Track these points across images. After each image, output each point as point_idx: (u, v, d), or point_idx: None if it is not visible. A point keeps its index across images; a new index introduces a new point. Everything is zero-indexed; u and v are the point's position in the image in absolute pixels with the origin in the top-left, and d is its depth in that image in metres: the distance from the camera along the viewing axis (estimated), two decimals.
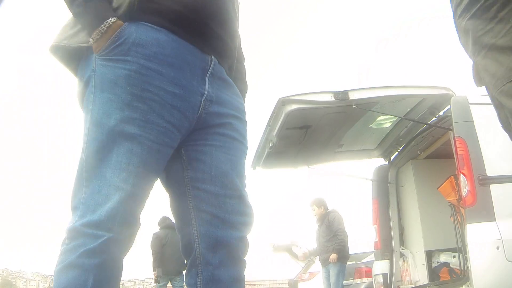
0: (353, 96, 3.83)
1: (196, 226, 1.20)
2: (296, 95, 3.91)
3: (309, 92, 3.93)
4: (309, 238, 7.13)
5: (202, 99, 1.19)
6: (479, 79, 1.28)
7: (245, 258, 1.25)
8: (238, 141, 1.27)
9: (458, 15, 1.27)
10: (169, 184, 1.27)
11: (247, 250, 1.25)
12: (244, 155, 1.30)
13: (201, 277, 1.19)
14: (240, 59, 1.42)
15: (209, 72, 1.21)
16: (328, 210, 6.32)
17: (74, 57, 1.20)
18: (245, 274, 1.26)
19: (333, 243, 6.04)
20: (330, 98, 3.82)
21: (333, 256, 5.94)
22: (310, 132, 4.38)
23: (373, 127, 4.71)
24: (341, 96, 3.80)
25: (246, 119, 1.35)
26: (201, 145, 1.22)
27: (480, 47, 1.21)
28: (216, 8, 1.22)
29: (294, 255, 8.15)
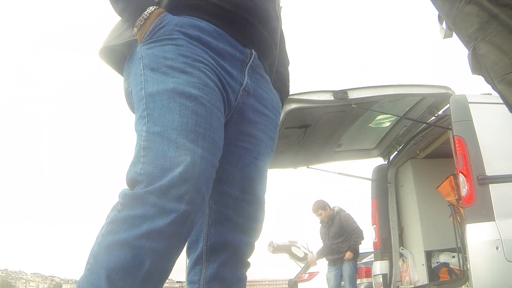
0: (352, 95, 3.82)
1: (207, 224, 1.18)
2: (295, 94, 3.90)
3: (308, 91, 3.92)
4: (309, 238, 7.07)
5: (241, 89, 1.18)
6: (477, 66, 1.25)
7: (248, 261, 1.25)
8: (267, 144, 1.25)
9: (463, 2, 1.24)
10: None
11: (252, 254, 1.25)
12: (270, 159, 1.28)
13: (205, 274, 1.17)
14: (283, 63, 1.42)
15: (248, 65, 1.20)
16: (335, 210, 6.23)
17: (122, 56, 1.20)
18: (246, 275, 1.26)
19: (349, 242, 5.97)
20: (329, 97, 3.81)
21: (349, 255, 5.88)
22: (309, 131, 4.38)
23: (372, 126, 4.71)
24: (340, 95, 3.79)
25: (280, 120, 1.33)
26: (232, 144, 1.18)
27: (485, 32, 1.18)
28: (255, 5, 1.23)
29: (294, 255, 8.13)
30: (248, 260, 1.25)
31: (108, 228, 0.95)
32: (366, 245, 6.27)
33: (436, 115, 4.31)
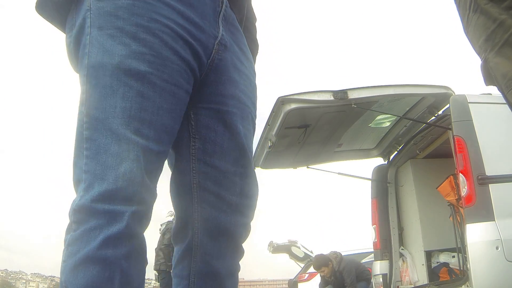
0: (352, 95, 3.82)
1: (197, 208, 1.03)
2: (295, 94, 3.90)
3: (308, 91, 3.92)
4: (308, 237, 7.03)
5: (216, 42, 1.02)
6: (489, 78, 1.24)
7: (243, 247, 1.11)
8: (249, 108, 1.09)
9: (471, 9, 1.23)
10: (171, 155, 1.07)
11: (247, 237, 1.10)
12: (254, 126, 1.13)
13: (195, 268, 1.03)
14: (250, 18, 1.23)
15: (221, 14, 1.04)
16: (338, 260, 6.05)
17: (64, 8, 1.00)
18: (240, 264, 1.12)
19: None
20: (329, 97, 3.81)
21: None
22: (309, 131, 4.38)
23: (372, 126, 4.71)
24: (340, 95, 3.79)
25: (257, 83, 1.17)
26: (213, 109, 1.03)
27: (493, 42, 1.18)
28: None
29: (294, 256, 8.14)
30: (242, 246, 1.10)
31: (67, 252, 0.88)
32: (366, 245, 6.27)
33: (436, 115, 4.31)
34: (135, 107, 0.89)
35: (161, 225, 6.75)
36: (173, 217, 6.37)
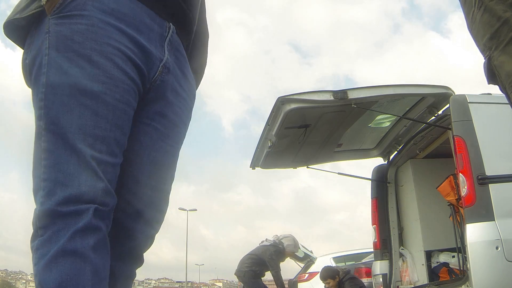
0: (352, 95, 3.82)
1: None
2: (295, 94, 3.90)
3: (308, 91, 3.92)
4: (308, 238, 7.04)
5: (160, 65, 1.11)
6: (492, 76, 1.23)
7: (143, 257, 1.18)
8: (179, 128, 1.17)
9: (475, 7, 1.22)
10: None
11: (150, 247, 1.18)
12: (181, 145, 1.20)
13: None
14: (201, 36, 1.31)
15: (167, 39, 1.13)
16: (342, 275, 5.98)
17: (26, 30, 1.09)
18: (136, 270, 1.18)
19: None
20: (329, 97, 3.81)
21: None
22: (309, 131, 4.38)
23: (372, 126, 4.71)
24: (340, 95, 3.79)
25: (193, 105, 1.25)
26: (145, 124, 1.11)
27: (498, 41, 1.17)
28: None
29: (294, 256, 8.12)
30: (143, 256, 1.17)
31: (37, 255, 0.92)
32: (366, 245, 6.26)
33: (436, 115, 4.31)
34: (90, 125, 0.97)
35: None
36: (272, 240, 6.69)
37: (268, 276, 6.79)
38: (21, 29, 1.09)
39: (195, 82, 1.29)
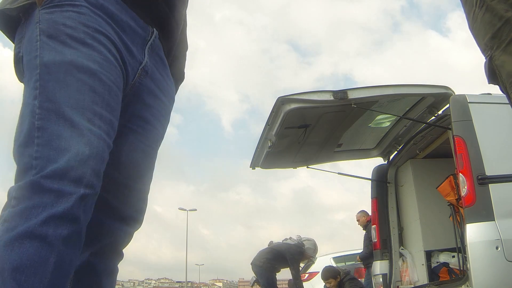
0: (352, 95, 3.82)
1: None
2: (295, 94, 3.90)
3: (308, 91, 3.93)
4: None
5: (140, 67, 1.12)
6: (493, 76, 1.23)
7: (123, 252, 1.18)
8: (157, 130, 1.19)
9: (477, 6, 1.22)
10: None
11: (128, 243, 1.18)
12: (158, 146, 1.21)
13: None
14: (181, 47, 1.33)
15: (149, 44, 1.15)
16: (342, 274, 6.04)
17: (16, 22, 1.08)
18: (118, 267, 1.18)
19: None
20: (329, 97, 3.81)
21: None
22: (309, 131, 4.38)
23: (372, 126, 4.71)
24: (340, 95, 3.79)
25: (172, 107, 1.27)
26: (122, 125, 1.10)
27: (499, 40, 1.16)
28: None
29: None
30: (123, 250, 1.17)
31: (2, 227, 0.85)
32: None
33: (436, 115, 4.31)
34: (88, 100, 0.94)
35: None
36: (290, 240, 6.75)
37: (279, 276, 6.83)
38: (11, 20, 1.08)
39: (174, 87, 1.31)
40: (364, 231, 6.59)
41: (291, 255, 6.42)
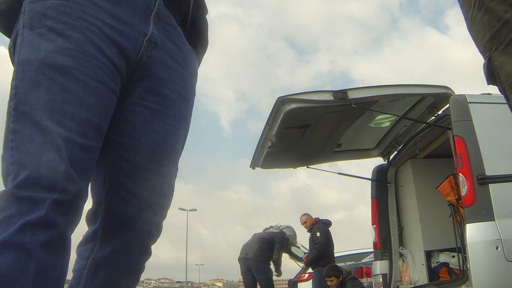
0: (352, 95, 3.82)
1: (107, 199, 1.04)
2: (295, 94, 3.91)
3: (308, 91, 3.93)
4: (307, 238, 7.07)
5: (145, 40, 1.04)
6: (492, 77, 1.23)
7: (151, 249, 1.10)
8: (179, 106, 1.10)
9: (475, 7, 1.22)
10: None
11: (158, 238, 1.10)
12: (184, 124, 1.13)
13: (95, 254, 1.03)
14: (199, 13, 1.25)
15: (153, 12, 1.07)
16: (344, 274, 5.99)
17: (9, 16, 1.04)
18: (145, 265, 1.11)
19: None
20: (329, 97, 3.81)
21: None
22: (309, 131, 4.38)
23: (372, 126, 4.71)
24: (340, 95, 3.79)
25: (196, 80, 1.18)
26: (136, 104, 1.05)
27: (498, 41, 1.17)
28: None
29: (294, 256, 8.13)
30: (150, 247, 1.09)
31: None
32: (366, 244, 6.28)
33: (436, 115, 4.31)
34: (58, 100, 0.91)
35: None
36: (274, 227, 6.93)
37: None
38: (3, 15, 1.05)
39: (196, 57, 1.22)
40: (310, 234, 6.69)
41: (279, 242, 6.58)
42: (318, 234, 6.55)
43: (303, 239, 7.23)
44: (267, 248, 6.47)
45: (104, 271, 1.03)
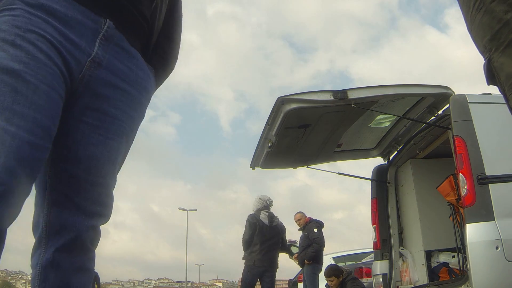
0: (352, 95, 3.82)
1: (47, 208, 1.10)
2: (295, 94, 3.91)
3: (308, 91, 3.93)
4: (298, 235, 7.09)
5: (88, 59, 1.11)
6: (492, 78, 1.23)
7: (94, 249, 1.16)
8: (121, 121, 1.17)
9: (475, 8, 1.22)
10: None
11: (98, 240, 1.17)
12: (127, 139, 1.20)
13: (42, 260, 1.09)
14: (168, 34, 1.32)
15: (101, 34, 1.14)
16: (345, 274, 6.01)
17: None
18: (93, 265, 1.17)
19: None
20: (329, 97, 3.81)
21: None
22: (309, 131, 4.38)
23: (372, 126, 4.71)
24: (340, 95, 3.79)
25: (149, 99, 1.25)
26: (76, 119, 1.11)
27: (498, 42, 1.17)
28: None
29: (294, 256, 8.13)
30: (92, 248, 1.15)
31: None
32: (366, 244, 6.28)
33: (436, 115, 4.31)
34: (8, 100, 0.96)
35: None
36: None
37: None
38: None
39: (155, 78, 1.30)
40: (301, 232, 6.69)
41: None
42: (315, 230, 6.55)
43: (297, 235, 7.16)
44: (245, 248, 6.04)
45: (53, 274, 1.08)
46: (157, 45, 1.29)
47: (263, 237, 5.74)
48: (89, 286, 1.16)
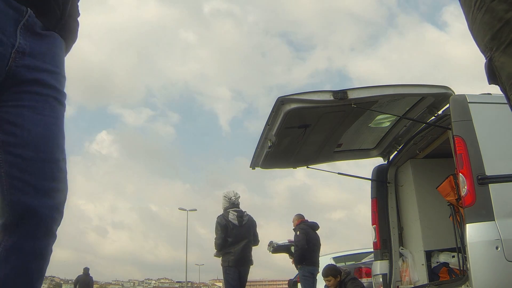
0: (352, 95, 3.82)
1: (7, 194, 1.15)
2: (295, 94, 3.91)
3: (308, 91, 3.93)
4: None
5: (13, 51, 1.16)
6: (493, 77, 1.23)
7: (56, 232, 1.20)
8: (52, 98, 1.23)
9: (476, 7, 1.22)
10: None
11: (60, 222, 1.21)
12: (61, 114, 1.26)
13: (5, 244, 1.13)
14: (73, 14, 1.40)
15: (21, 24, 1.18)
16: (343, 274, 5.94)
17: None
18: (52, 248, 1.21)
19: None
20: (329, 97, 3.81)
21: None
22: (309, 131, 4.38)
23: (372, 126, 4.71)
24: (340, 95, 3.79)
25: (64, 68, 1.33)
26: (13, 106, 1.17)
27: (499, 41, 1.17)
28: None
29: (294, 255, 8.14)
30: (55, 230, 1.20)
31: None
32: (366, 244, 6.28)
33: (435, 115, 4.31)
34: None
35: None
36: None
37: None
38: None
39: (65, 49, 1.38)
40: (295, 232, 6.79)
41: None
42: (298, 233, 6.71)
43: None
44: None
45: (13, 257, 1.12)
46: (64, 24, 1.36)
47: (235, 238, 5.68)
48: (45, 273, 1.20)
